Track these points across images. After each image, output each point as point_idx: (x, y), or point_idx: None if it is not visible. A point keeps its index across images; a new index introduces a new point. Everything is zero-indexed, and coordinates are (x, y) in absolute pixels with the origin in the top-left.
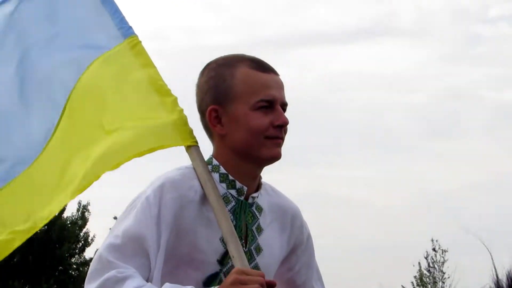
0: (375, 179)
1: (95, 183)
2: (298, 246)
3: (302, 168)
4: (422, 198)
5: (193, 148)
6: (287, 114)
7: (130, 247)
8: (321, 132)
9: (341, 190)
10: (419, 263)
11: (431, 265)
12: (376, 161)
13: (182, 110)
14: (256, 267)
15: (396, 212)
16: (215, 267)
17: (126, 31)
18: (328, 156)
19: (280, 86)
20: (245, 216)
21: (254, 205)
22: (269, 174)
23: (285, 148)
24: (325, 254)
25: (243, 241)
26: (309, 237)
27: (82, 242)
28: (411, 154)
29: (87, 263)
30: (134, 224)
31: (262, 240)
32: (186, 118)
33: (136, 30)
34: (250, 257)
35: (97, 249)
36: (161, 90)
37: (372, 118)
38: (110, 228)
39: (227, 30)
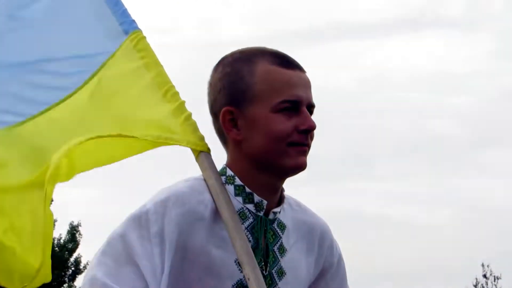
0: (416, 194)
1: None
2: (328, 270)
3: (331, 181)
4: (472, 216)
5: (203, 155)
6: (314, 117)
7: (125, 268)
8: (354, 139)
9: (376, 206)
10: None
11: None
12: (417, 174)
13: (190, 114)
14: None
15: (440, 232)
16: None
17: (128, 25)
18: (361, 167)
19: (306, 84)
20: (265, 234)
21: (276, 222)
22: (291, 189)
23: (311, 158)
24: (356, 280)
25: (263, 263)
26: (340, 259)
27: (73, 268)
28: (460, 166)
29: None
30: (127, 239)
31: (285, 262)
32: (196, 123)
33: (144, 22)
34: (271, 282)
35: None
36: (168, 92)
37: (414, 123)
38: None
39: (245, 21)
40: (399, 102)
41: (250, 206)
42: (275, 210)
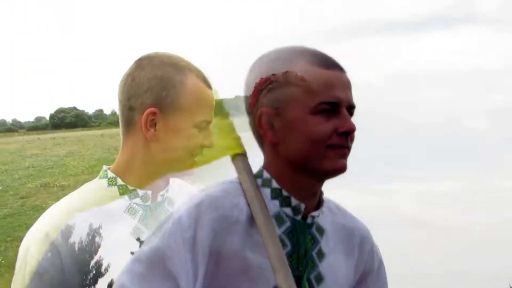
0: (452, 196)
1: None
2: (368, 275)
3: (363, 182)
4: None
5: (239, 157)
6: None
7: (158, 275)
8: (386, 139)
9: (410, 208)
10: None
11: None
12: (453, 174)
13: (228, 114)
14: None
15: (478, 237)
16: None
17: None
18: (394, 168)
19: (346, 85)
20: (304, 239)
21: (315, 226)
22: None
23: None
24: (390, 282)
25: (301, 268)
26: (380, 264)
27: (94, 272)
28: (498, 166)
29: None
30: (161, 246)
31: (324, 267)
32: (232, 123)
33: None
34: None
35: (111, 279)
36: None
37: (449, 122)
38: (131, 253)
39: (271, 20)
40: (433, 101)
41: (288, 210)
42: (314, 214)
